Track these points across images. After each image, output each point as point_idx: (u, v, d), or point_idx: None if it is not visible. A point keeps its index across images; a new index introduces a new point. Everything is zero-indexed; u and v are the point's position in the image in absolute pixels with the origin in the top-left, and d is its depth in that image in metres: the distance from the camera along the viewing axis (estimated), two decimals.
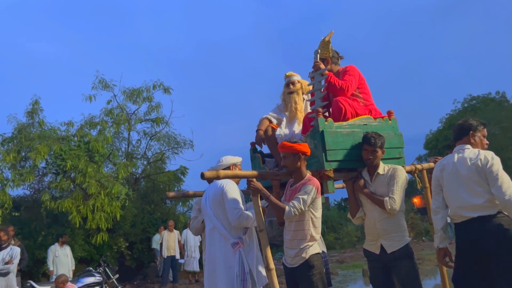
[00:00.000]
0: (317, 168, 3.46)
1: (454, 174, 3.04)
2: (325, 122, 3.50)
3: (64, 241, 9.43)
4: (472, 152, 3.05)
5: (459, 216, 3.00)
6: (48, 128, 11.71)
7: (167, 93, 13.75)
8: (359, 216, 3.52)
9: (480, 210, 2.89)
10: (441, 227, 3.11)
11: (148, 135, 14.21)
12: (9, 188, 10.40)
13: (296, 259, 3.23)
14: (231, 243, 3.54)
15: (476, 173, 2.93)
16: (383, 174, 3.42)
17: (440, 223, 3.12)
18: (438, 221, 3.13)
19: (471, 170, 2.95)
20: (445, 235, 3.12)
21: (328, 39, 3.98)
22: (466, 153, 3.06)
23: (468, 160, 2.99)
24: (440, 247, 3.14)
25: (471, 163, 2.96)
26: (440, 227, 3.12)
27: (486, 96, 28.35)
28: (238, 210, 3.50)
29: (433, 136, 29.04)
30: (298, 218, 3.19)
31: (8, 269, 6.20)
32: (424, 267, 10.26)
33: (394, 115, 3.94)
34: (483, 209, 2.88)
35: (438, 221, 3.13)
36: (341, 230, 21.10)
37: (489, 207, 2.88)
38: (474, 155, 3.01)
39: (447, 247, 3.14)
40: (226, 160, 3.85)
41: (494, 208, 2.88)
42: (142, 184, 14.55)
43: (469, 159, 2.99)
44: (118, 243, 12.16)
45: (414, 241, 16.88)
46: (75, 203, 10.41)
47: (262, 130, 4.10)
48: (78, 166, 10.30)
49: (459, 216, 3.00)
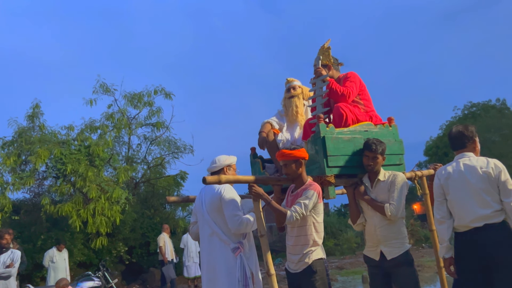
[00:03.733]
0: (318, 173, 3.46)
1: (461, 182, 3.00)
2: (327, 128, 3.51)
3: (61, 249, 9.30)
4: (480, 160, 3.01)
5: (464, 225, 2.97)
6: (49, 132, 11.72)
7: (169, 98, 13.80)
8: (360, 222, 3.52)
9: (487, 219, 2.88)
10: (448, 237, 3.07)
11: (148, 139, 14.24)
12: (9, 191, 10.42)
13: (299, 264, 3.22)
14: (232, 248, 3.49)
15: (487, 182, 2.90)
16: (384, 180, 3.42)
17: (446, 233, 3.06)
18: (444, 231, 3.08)
19: (482, 178, 2.92)
20: (451, 245, 3.09)
21: (327, 46, 4.01)
22: (473, 161, 3.02)
23: (479, 168, 2.95)
24: (446, 257, 3.11)
25: (482, 171, 2.93)
26: (447, 237, 3.07)
27: (487, 103, 28.39)
28: (238, 217, 3.45)
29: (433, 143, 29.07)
30: (300, 223, 3.19)
31: (9, 273, 6.18)
32: (424, 274, 10.23)
33: (395, 121, 3.96)
34: (489, 218, 2.87)
35: (444, 231, 3.07)
36: (340, 236, 21.04)
37: (495, 216, 2.88)
38: (483, 163, 2.98)
39: (452, 257, 3.11)
40: (221, 161, 3.72)
41: (500, 216, 2.88)
42: (142, 188, 14.55)
43: (479, 167, 2.95)
44: (117, 247, 12.13)
45: (414, 248, 16.84)
46: (75, 207, 10.41)
47: (264, 132, 4.10)
48: (79, 170, 10.30)
49: (464, 225, 2.97)
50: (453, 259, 3.10)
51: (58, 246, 9.26)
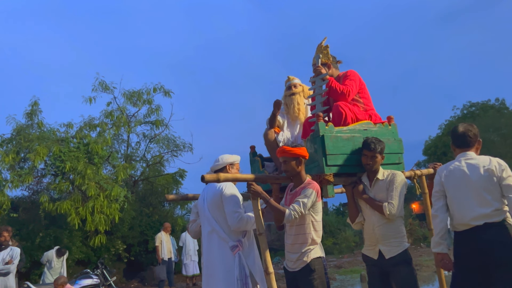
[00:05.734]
0: (317, 172, 3.46)
1: (462, 181, 2.98)
2: (326, 127, 3.51)
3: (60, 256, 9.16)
4: (482, 159, 3.00)
5: (464, 224, 2.96)
6: (47, 130, 11.69)
7: (168, 96, 13.79)
8: (359, 221, 3.52)
9: (487, 217, 2.87)
10: (438, 231, 3.05)
11: (147, 137, 14.22)
12: (8, 189, 10.38)
13: (298, 263, 3.22)
14: (230, 246, 3.51)
15: (489, 180, 2.89)
16: (383, 179, 3.42)
17: (437, 227, 3.05)
18: (436, 225, 3.07)
19: (483, 177, 2.91)
20: (441, 241, 3.04)
21: (324, 44, 4.01)
22: (476, 159, 3.01)
23: (481, 166, 2.94)
24: (433, 251, 3.08)
25: (485, 169, 2.92)
26: (437, 231, 3.05)
27: (486, 103, 28.46)
28: (238, 213, 3.48)
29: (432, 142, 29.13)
30: (299, 222, 3.19)
31: (8, 269, 6.20)
32: (422, 273, 10.24)
33: (394, 121, 3.96)
34: (490, 217, 2.86)
35: (436, 225, 3.06)
36: (339, 235, 21.08)
37: (495, 215, 2.87)
38: (486, 161, 2.97)
39: (445, 253, 3.06)
40: (224, 159, 3.78)
41: (500, 215, 2.88)
42: (141, 186, 14.54)
43: (482, 165, 2.94)
44: (115, 245, 12.12)
45: (413, 247, 16.87)
46: (74, 205, 10.39)
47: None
48: (77, 167, 10.28)
49: (464, 224, 2.96)
50: (443, 255, 3.04)
51: (58, 251, 9.03)
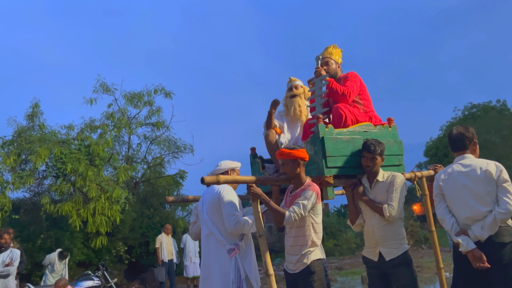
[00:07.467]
0: (317, 174, 3.46)
1: (459, 184, 2.98)
2: (326, 129, 3.51)
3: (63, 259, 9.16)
4: (480, 161, 3.00)
5: (463, 225, 2.95)
6: (49, 132, 11.70)
7: (168, 97, 13.81)
8: (359, 222, 3.52)
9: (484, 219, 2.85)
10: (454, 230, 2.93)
11: (148, 139, 14.25)
12: (9, 190, 10.38)
13: (298, 265, 3.22)
14: (227, 249, 3.52)
15: (487, 182, 2.88)
16: (383, 181, 3.42)
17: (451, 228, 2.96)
18: (448, 227, 2.99)
19: (481, 179, 2.90)
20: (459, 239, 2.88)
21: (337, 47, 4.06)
22: (473, 162, 3.01)
23: (478, 169, 2.93)
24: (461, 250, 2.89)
25: (481, 171, 2.91)
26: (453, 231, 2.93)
27: (487, 104, 28.44)
28: (235, 216, 3.48)
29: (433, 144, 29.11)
30: (299, 224, 3.19)
31: (8, 271, 6.20)
32: (423, 275, 10.23)
33: (394, 122, 3.96)
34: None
35: (448, 227, 2.99)
36: (340, 237, 21.04)
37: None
38: (483, 164, 2.96)
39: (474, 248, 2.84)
40: (225, 165, 3.82)
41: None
42: (142, 188, 14.55)
43: (479, 168, 2.94)
44: (116, 247, 12.13)
45: (413, 249, 16.85)
46: (75, 207, 10.39)
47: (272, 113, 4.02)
48: (78, 169, 10.29)
49: (463, 225, 2.95)
50: (478, 250, 2.84)
51: (60, 254, 9.00)
